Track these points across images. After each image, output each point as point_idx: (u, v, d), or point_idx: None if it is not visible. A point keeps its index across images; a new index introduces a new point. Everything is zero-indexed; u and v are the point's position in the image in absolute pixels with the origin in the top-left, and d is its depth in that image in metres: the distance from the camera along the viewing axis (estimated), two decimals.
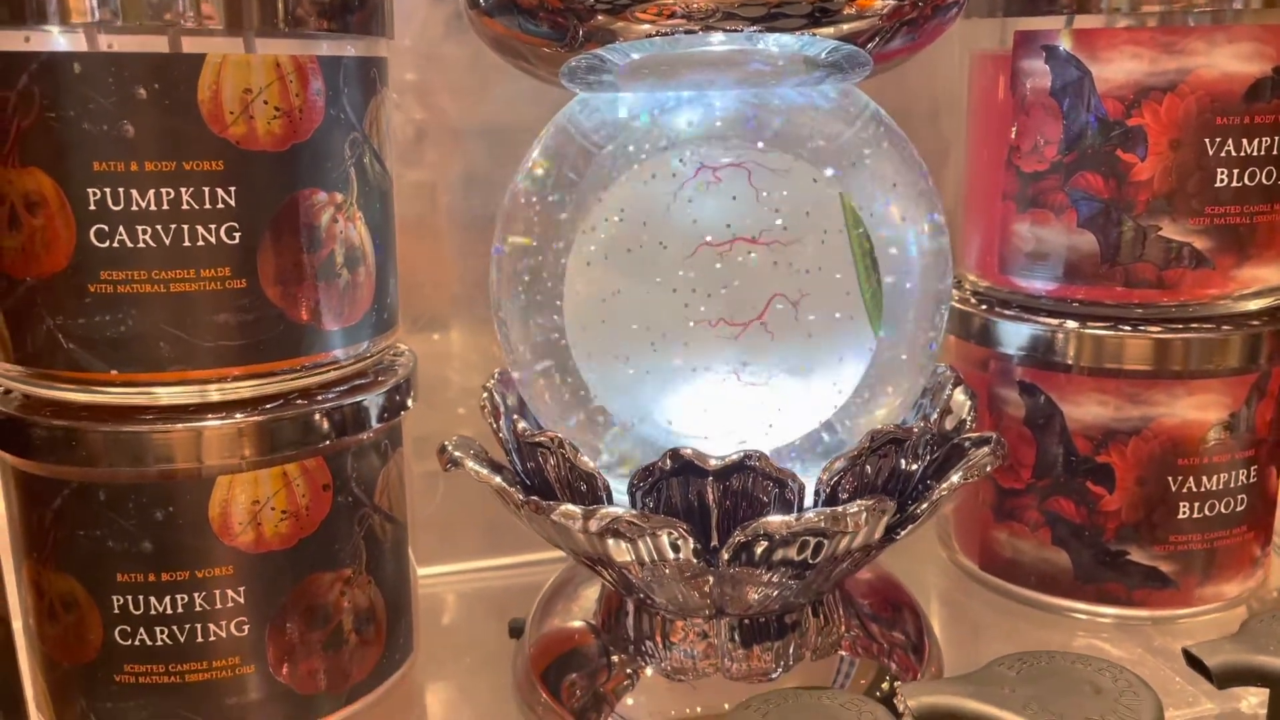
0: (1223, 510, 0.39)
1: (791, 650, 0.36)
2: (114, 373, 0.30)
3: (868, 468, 0.32)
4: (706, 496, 0.31)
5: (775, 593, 0.33)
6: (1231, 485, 0.39)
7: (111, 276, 0.29)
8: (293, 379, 0.33)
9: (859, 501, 0.30)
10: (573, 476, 0.32)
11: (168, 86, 0.29)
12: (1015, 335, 0.40)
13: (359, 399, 0.34)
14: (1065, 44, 0.37)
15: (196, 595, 0.32)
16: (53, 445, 0.31)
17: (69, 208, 0.29)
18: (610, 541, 0.31)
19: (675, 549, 0.31)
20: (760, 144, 0.32)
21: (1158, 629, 0.40)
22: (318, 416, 0.33)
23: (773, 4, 0.30)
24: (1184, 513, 0.39)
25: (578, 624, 0.39)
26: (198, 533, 0.31)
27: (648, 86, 0.34)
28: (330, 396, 0.33)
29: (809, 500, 0.32)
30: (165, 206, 0.29)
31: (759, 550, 0.30)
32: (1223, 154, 0.36)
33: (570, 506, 0.30)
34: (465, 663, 0.41)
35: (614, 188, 0.33)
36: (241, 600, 0.32)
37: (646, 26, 0.30)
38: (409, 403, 0.37)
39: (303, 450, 0.32)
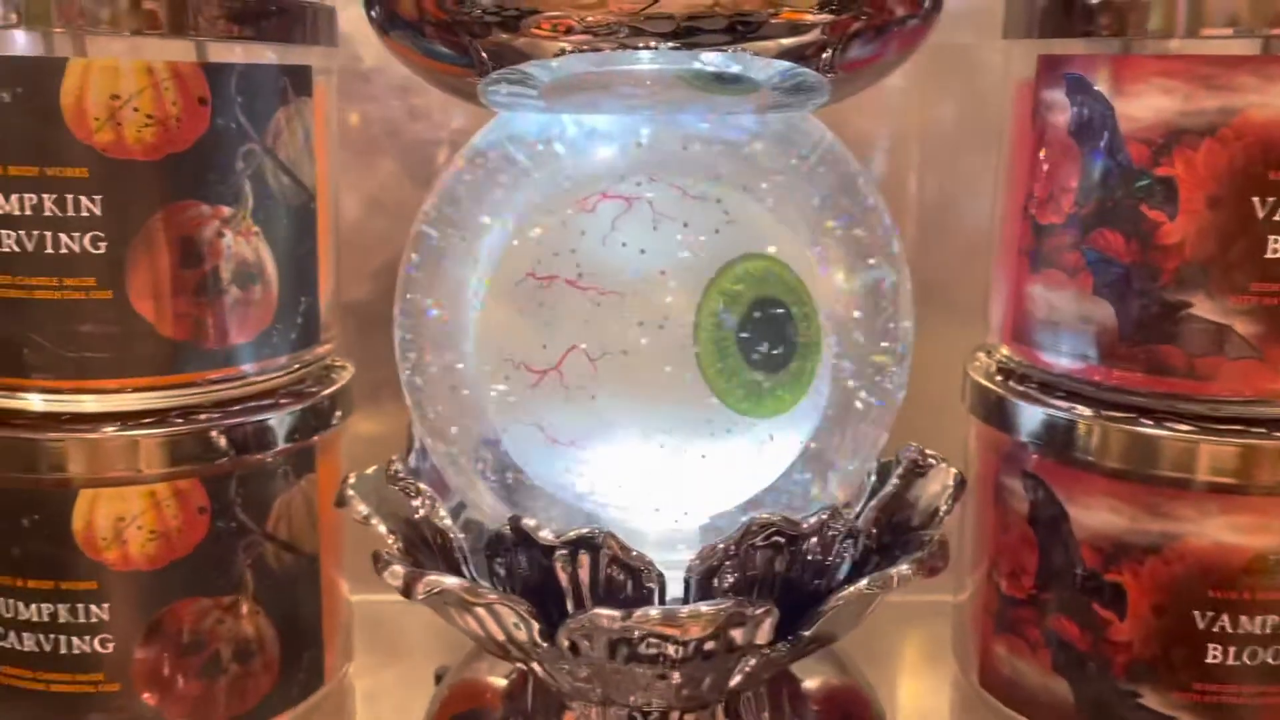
0: (1270, 661, 0.31)
1: None
2: None
3: (755, 559, 0.27)
4: (557, 575, 0.28)
5: (655, 688, 0.29)
6: None
7: None
8: (174, 396, 0.32)
9: (704, 605, 0.26)
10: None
11: (30, 90, 0.28)
12: (1025, 417, 0.34)
13: (247, 419, 0.32)
14: (1085, 73, 0.30)
15: (61, 606, 0.31)
16: None
17: None
18: (451, 611, 0.28)
19: (517, 629, 0.28)
20: (649, 178, 0.28)
21: None
22: (194, 435, 0.31)
23: (682, 17, 0.26)
24: (1214, 656, 0.31)
25: (490, 683, 0.36)
26: (61, 544, 0.31)
27: (573, 108, 0.31)
28: (214, 415, 0.32)
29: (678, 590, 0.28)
30: (29, 211, 0.29)
31: (596, 645, 0.27)
32: (1276, 217, 0.28)
33: (397, 568, 0.28)
34: (390, 698, 0.39)
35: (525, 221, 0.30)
36: (106, 617, 0.31)
37: (549, 45, 0.27)
38: (331, 422, 0.35)
39: (174, 470, 0.31)
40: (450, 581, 0.27)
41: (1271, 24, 0.28)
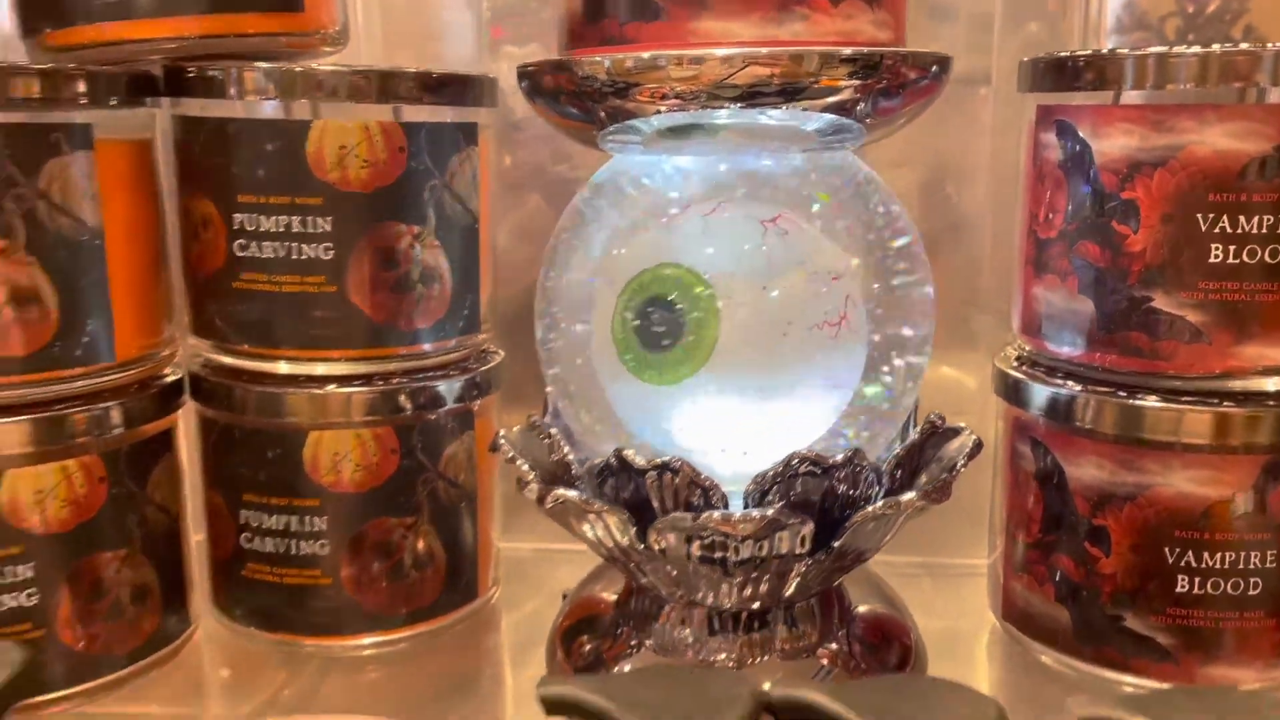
0: (1230, 590, 0.38)
1: (760, 647, 0.41)
2: (247, 346, 0.42)
3: (796, 485, 0.37)
4: (648, 493, 0.37)
5: (721, 589, 0.38)
6: (1242, 566, 0.38)
7: (248, 277, 0.41)
8: (376, 365, 0.43)
9: (754, 510, 0.35)
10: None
11: (285, 142, 0.40)
12: (1034, 394, 0.42)
13: (426, 385, 0.43)
14: (1070, 119, 0.39)
15: (292, 518, 0.43)
16: (212, 395, 0.43)
17: (223, 226, 0.41)
18: (571, 520, 0.38)
19: (620, 533, 0.37)
20: (727, 201, 0.38)
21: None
22: (388, 394, 0.43)
23: (747, 85, 0.36)
24: (1183, 586, 0.39)
25: (604, 597, 0.46)
26: (295, 471, 0.42)
27: (669, 150, 0.41)
28: (403, 380, 0.43)
29: (737, 508, 0.37)
30: (281, 229, 0.40)
31: (675, 544, 0.36)
32: (1217, 229, 0.36)
33: (535, 485, 0.38)
34: (526, 614, 0.49)
35: (627, 238, 0.40)
36: (324, 527, 0.43)
37: (649, 106, 0.37)
38: (486, 392, 0.46)
39: (374, 420, 0.42)
40: (571, 494, 0.37)
41: (1199, 82, 0.36)
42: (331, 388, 0.42)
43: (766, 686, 0.33)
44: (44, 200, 0.37)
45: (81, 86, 0.38)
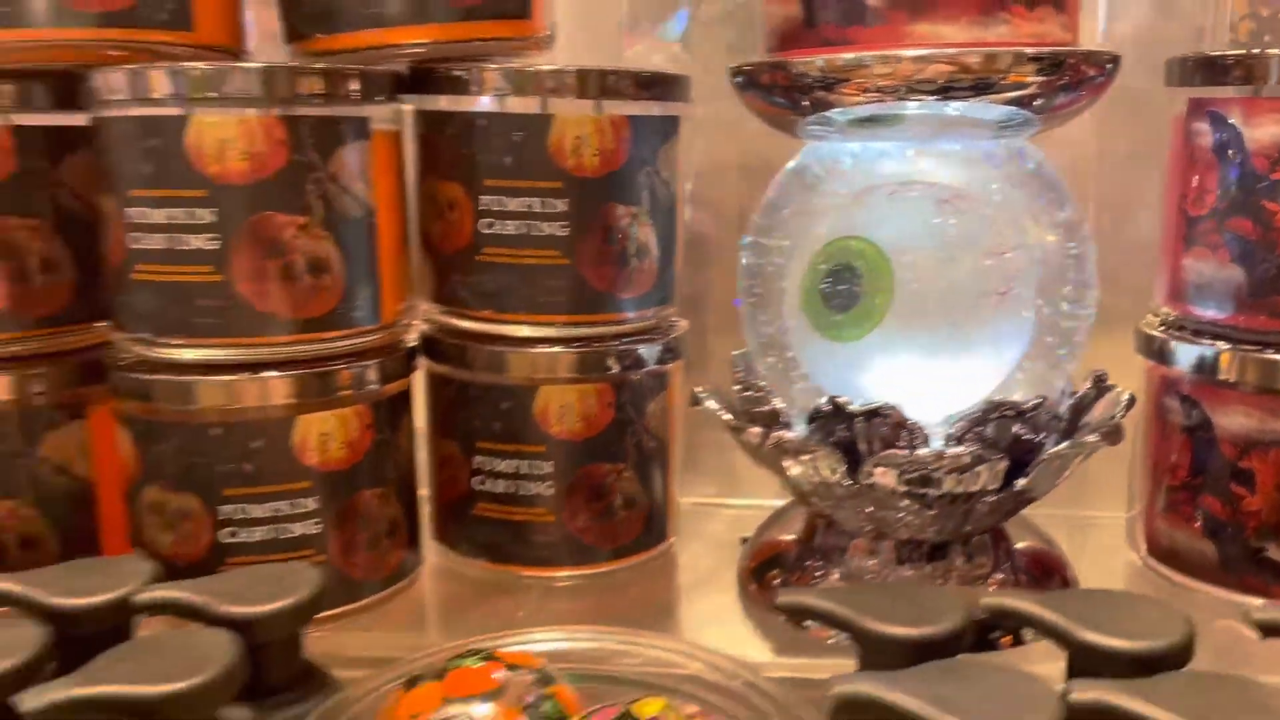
0: None
1: (940, 575, 0.46)
2: (488, 312, 0.48)
3: (989, 429, 0.42)
4: (856, 436, 0.43)
5: (915, 520, 0.44)
6: None
7: (490, 251, 0.47)
8: (594, 329, 0.49)
9: (963, 448, 0.41)
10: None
11: (530, 135, 0.46)
12: (1180, 354, 0.47)
13: (630, 347, 0.49)
14: (1222, 110, 0.44)
15: (521, 462, 0.49)
16: (449, 355, 0.50)
17: (470, 207, 0.47)
18: (784, 462, 0.44)
19: (832, 471, 0.43)
20: (909, 182, 0.44)
21: None
22: (608, 355, 0.48)
23: (941, 80, 0.42)
24: None
25: (783, 539, 0.52)
26: (524, 422, 0.48)
27: (861, 138, 0.46)
28: (613, 343, 0.49)
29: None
30: (522, 209, 0.46)
31: (885, 479, 0.42)
32: None
33: (755, 429, 0.44)
34: (708, 559, 0.55)
35: (822, 213, 0.46)
36: (550, 471, 0.49)
37: (852, 98, 0.43)
38: (678, 356, 0.52)
39: (592, 377, 0.48)
40: (790, 435, 0.43)
41: None
42: (557, 349, 0.48)
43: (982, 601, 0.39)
44: (334, 182, 0.43)
45: (358, 85, 0.44)
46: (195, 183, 0.41)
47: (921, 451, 0.41)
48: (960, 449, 0.41)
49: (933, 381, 0.45)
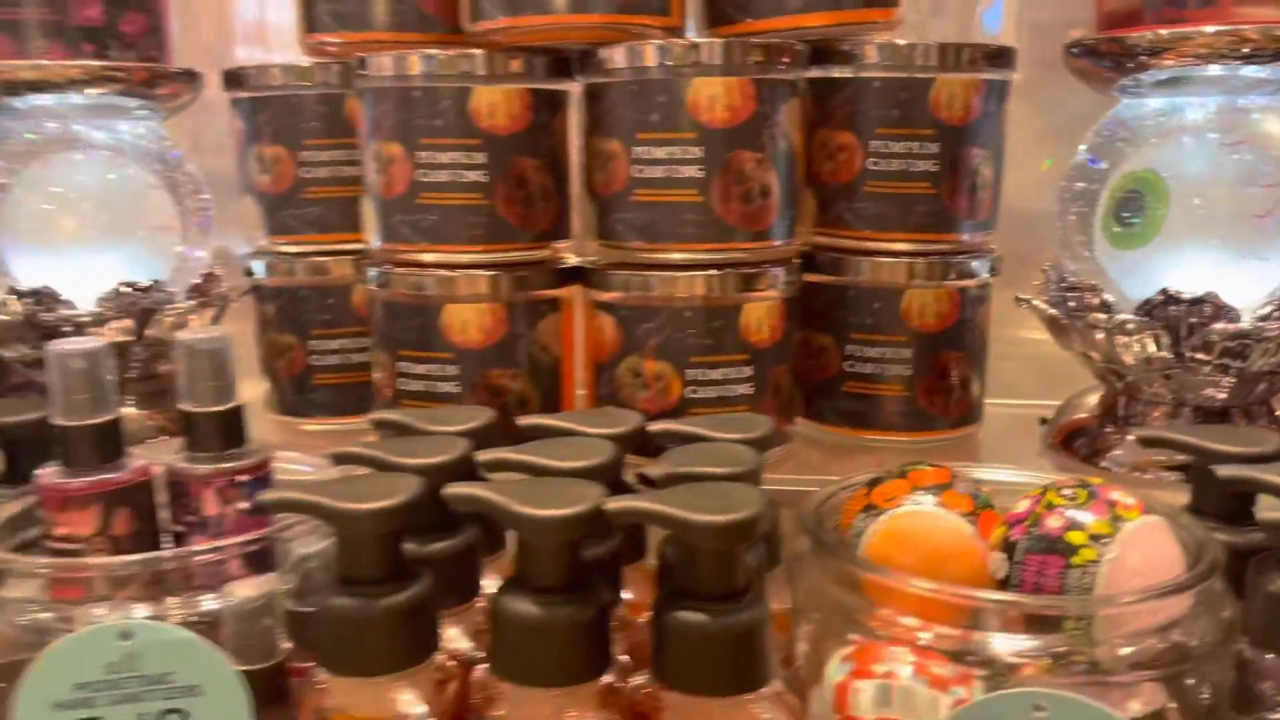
0: None
1: None
2: (868, 232, 0.63)
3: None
4: (1181, 318, 0.57)
5: (1216, 389, 0.58)
6: None
7: (873, 185, 0.62)
8: (943, 245, 0.63)
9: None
10: None
11: (911, 94, 0.60)
12: None
13: (971, 261, 0.63)
14: None
15: (886, 350, 0.63)
16: (827, 266, 0.64)
17: (863, 151, 0.62)
18: (1119, 339, 0.58)
19: (1158, 345, 0.57)
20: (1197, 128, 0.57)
21: None
22: (952, 267, 0.63)
23: (1247, 48, 0.55)
24: None
25: (1081, 416, 0.65)
26: (893, 318, 0.63)
27: (1168, 94, 0.60)
28: (959, 258, 0.63)
29: None
30: (904, 151, 0.61)
31: (1210, 352, 0.55)
32: None
33: (1099, 314, 0.58)
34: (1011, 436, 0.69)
35: (1125, 157, 0.60)
36: (909, 358, 0.63)
37: (1169, 62, 0.57)
38: (997, 273, 0.66)
39: (946, 284, 0.63)
40: (1130, 317, 0.57)
41: None
42: (920, 260, 0.63)
43: None
44: (779, 129, 0.59)
45: (789, 57, 0.59)
46: (690, 127, 0.56)
47: (1227, 328, 0.55)
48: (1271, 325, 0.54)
49: (1206, 285, 0.59)
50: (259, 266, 0.71)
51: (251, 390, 0.74)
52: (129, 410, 0.67)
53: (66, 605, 0.47)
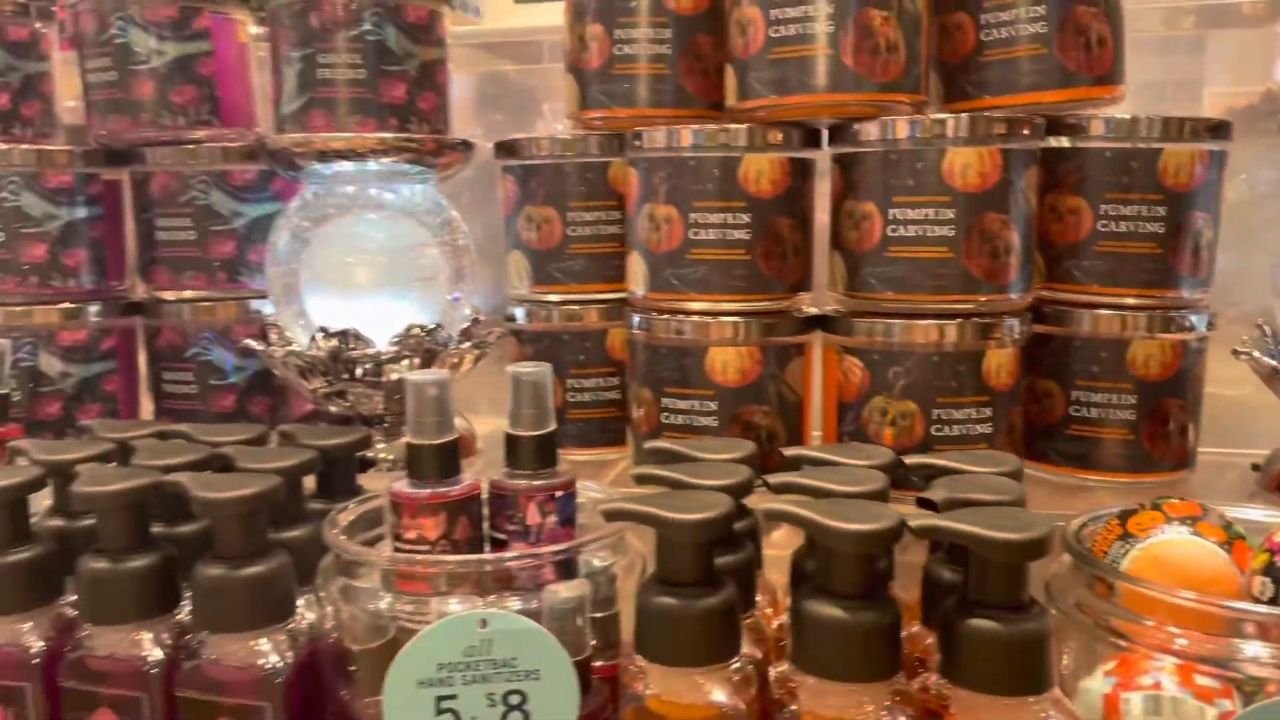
0: None
1: None
2: (1095, 287, 0.68)
3: None
4: None
5: None
6: None
7: (1103, 244, 0.67)
8: (1166, 299, 0.68)
9: None
10: None
11: (1141, 163, 0.66)
12: None
13: (1189, 315, 0.68)
14: None
15: (1111, 396, 0.68)
16: (1053, 318, 0.70)
17: (1092, 213, 0.67)
18: None
19: None
20: None
21: None
22: (1175, 319, 0.68)
23: None
24: None
25: None
26: (1118, 367, 0.68)
27: None
28: (1181, 313, 0.68)
29: None
30: (1132, 214, 0.66)
31: None
32: None
33: None
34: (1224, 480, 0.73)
35: None
36: (1134, 404, 0.68)
37: None
38: (1213, 326, 0.70)
39: (1170, 333, 0.68)
40: None
41: None
42: (1142, 314, 0.68)
43: None
44: (1021, 194, 0.65)
45: (1029, 130, 0.65)
46: (943, 192, 0.63)
47: None
48: None
49: None
50: (520, 313, 0.79)
51: (483, 425, 0.83)
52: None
53: (412, 597, 0.55)
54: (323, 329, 0.75)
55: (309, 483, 0.64)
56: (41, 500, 0.60)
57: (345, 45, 0.72)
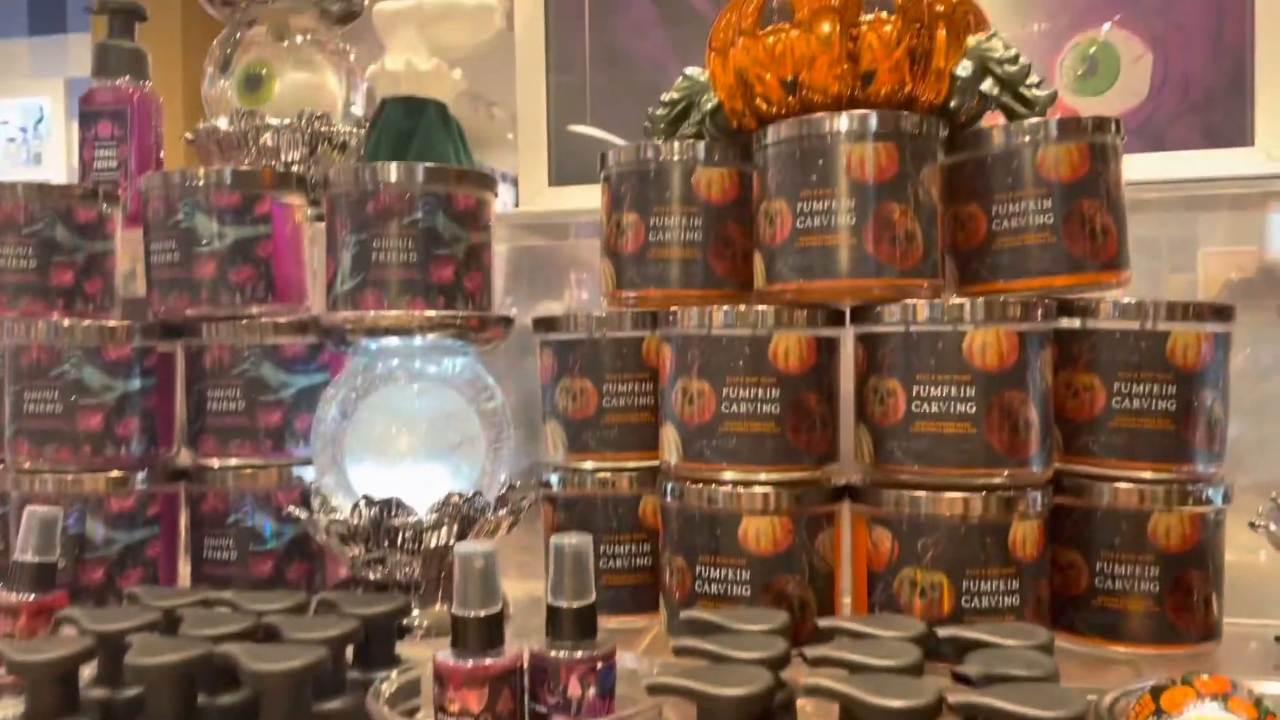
0: None
1: None
2: (1113, 460, 0.71)
3: None
4: None
5: None
6: None
7: (1119, 420, 0.70)
8: (1183, 474, 0.71)
9: None
10: None
11: (1152, 344, 0.70)
12: None
13: (1207, 489, 0.71)
14: None
15: (1136, 568, 0.70)
16: (1074, 490, 0.72)
17: (1106, 392, 0.71)
18: None
19: None
20: None
21: None
22: (1192, 492, 0.70)
23: None
24: None
25: None
26: (1139, 539, 0.70)
27: None
28: (1199, 486, 0.70)
29: None
30: (1143, 391, 0.70)
31: None
32: None
33: None
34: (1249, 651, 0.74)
35: None
36: (1157, 575, 0.70)
37: None
38: (1230, 500, 0.72)
39: (1188, 508, 0.70)
40: None
41: None
42: (1160, 488, 0.70)
43: None
44: (1039, 374, 0.68)
45: (1041, 310, 0.69)
46: (964, 370, 0.67)
47: None
48: None
49: None
50: (554, 479, 0.82)
51: (512, 589, 0.84)
52: None
53: None
54: (366, 497, 0.78)
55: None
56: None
57: (398, 231, 0.77)
